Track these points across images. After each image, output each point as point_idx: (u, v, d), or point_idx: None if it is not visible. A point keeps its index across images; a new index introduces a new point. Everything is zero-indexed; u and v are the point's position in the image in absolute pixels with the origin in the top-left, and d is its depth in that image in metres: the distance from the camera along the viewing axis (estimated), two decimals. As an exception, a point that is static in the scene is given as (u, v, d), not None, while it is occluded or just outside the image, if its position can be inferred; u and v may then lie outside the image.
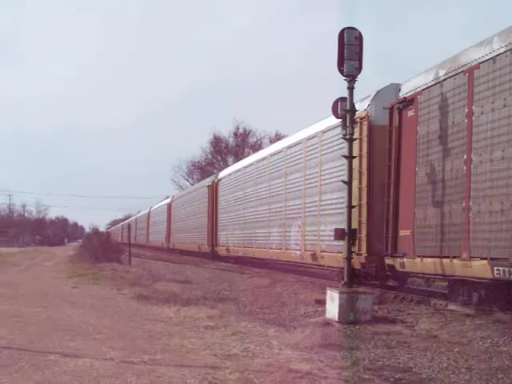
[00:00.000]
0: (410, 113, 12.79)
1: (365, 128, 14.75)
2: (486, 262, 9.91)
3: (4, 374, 5.97)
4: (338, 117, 12.32)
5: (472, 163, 10.60)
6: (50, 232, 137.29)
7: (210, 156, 77.68)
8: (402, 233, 12.79)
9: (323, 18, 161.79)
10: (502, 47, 10.18)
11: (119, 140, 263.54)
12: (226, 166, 59.69)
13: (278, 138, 65.03)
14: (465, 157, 10.84)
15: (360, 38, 11.54)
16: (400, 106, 13.16)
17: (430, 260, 11.65)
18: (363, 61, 11.55)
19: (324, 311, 11.41)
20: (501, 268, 9.51)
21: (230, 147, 75.31)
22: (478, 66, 10.79)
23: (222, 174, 33.73)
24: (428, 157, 12.05)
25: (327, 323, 10.52)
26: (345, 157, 11.96)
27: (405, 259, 12.48)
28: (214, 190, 32.99)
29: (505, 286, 10.06)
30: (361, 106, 14.70)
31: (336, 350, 7.97)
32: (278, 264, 23.87)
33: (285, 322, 11.02)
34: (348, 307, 10.65)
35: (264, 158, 24.31)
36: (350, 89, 11.63)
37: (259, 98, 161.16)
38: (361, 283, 14.24)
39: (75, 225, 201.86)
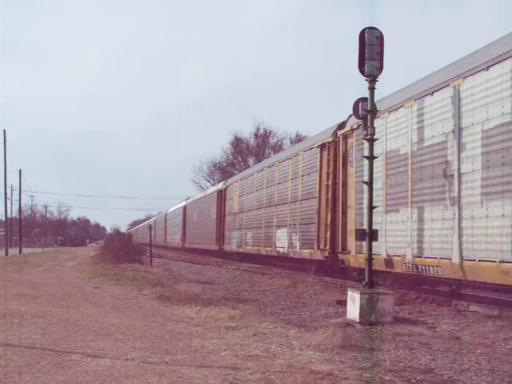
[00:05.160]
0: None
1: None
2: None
3: (27, 374, 6.02)
4: (358, 117, 12.26)
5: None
6: (71, 233, 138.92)
7: (230, 157, 77.96)
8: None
9: (345, 17, 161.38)
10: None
11: (141, 142, 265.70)
12: (247, 166, 59.51)
13: (298, 138, 65.12)
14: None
15: (381, 37, 11.48)
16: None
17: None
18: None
19: (345, 312, 11.39)
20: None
21: (251, 148, 75.44)
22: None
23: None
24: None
25: (348, 324, 10.50)
26: (366, 157, 11.92)
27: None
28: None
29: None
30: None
31: (357, 351, 7.95)
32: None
33: (306, 322, 10.99)
34: (369, 308, 10.62)
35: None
36: (371, 89, 11.57)
37: (280, 98, 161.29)
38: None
39: (97, 225, 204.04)
